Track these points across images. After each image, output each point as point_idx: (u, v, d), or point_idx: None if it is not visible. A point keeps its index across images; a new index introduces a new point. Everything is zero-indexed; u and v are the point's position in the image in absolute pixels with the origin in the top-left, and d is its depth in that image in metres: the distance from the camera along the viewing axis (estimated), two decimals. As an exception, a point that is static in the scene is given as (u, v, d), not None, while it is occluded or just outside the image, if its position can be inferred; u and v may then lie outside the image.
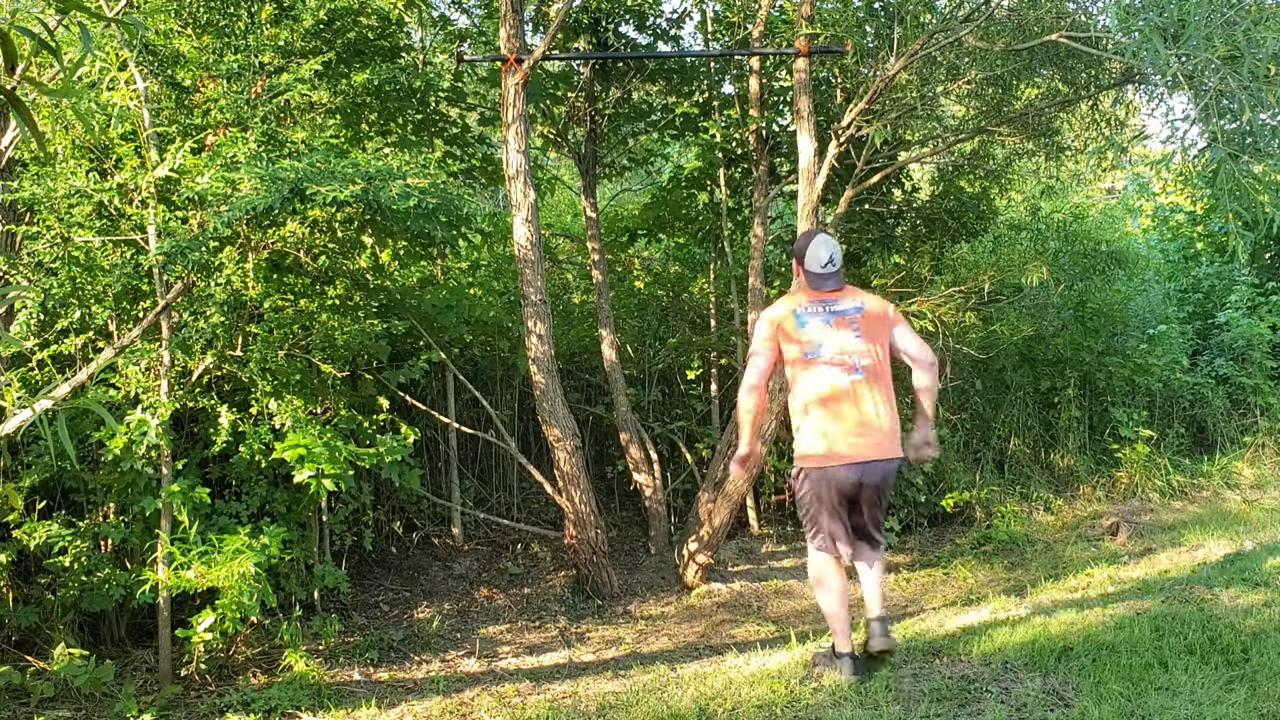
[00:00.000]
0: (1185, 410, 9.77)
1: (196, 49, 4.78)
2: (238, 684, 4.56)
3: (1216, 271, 11.31)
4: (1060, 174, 8.84)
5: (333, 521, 5.71)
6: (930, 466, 8.05)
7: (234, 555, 4.20)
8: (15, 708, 4.18)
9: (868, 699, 3.78)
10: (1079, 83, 6.14)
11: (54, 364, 4.56)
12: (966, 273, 8.53)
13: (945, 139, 6.92)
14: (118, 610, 4.76)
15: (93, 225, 4.46)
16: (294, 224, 4.78)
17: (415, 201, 4.23)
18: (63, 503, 4.78)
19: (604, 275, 7.04)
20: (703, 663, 4.74)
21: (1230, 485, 9.02)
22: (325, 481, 4.45)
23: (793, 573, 6.74)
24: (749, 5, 7.46)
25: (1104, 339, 9.48)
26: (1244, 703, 3.53)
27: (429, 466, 6.87)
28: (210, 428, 4.70)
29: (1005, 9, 5.71)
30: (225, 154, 4.27)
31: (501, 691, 4.44)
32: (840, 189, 6.86)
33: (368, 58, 5.80)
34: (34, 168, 4.41)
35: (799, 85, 6.28)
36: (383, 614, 5.83)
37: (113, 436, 4.17)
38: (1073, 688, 3.78)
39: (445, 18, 7.76)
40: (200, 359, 4.66)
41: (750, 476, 6.47)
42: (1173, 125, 11.47)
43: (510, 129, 5.83)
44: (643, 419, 7.41)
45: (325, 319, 4.93)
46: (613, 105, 7.27)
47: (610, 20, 7.03)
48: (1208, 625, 4.37)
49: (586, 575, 6.19)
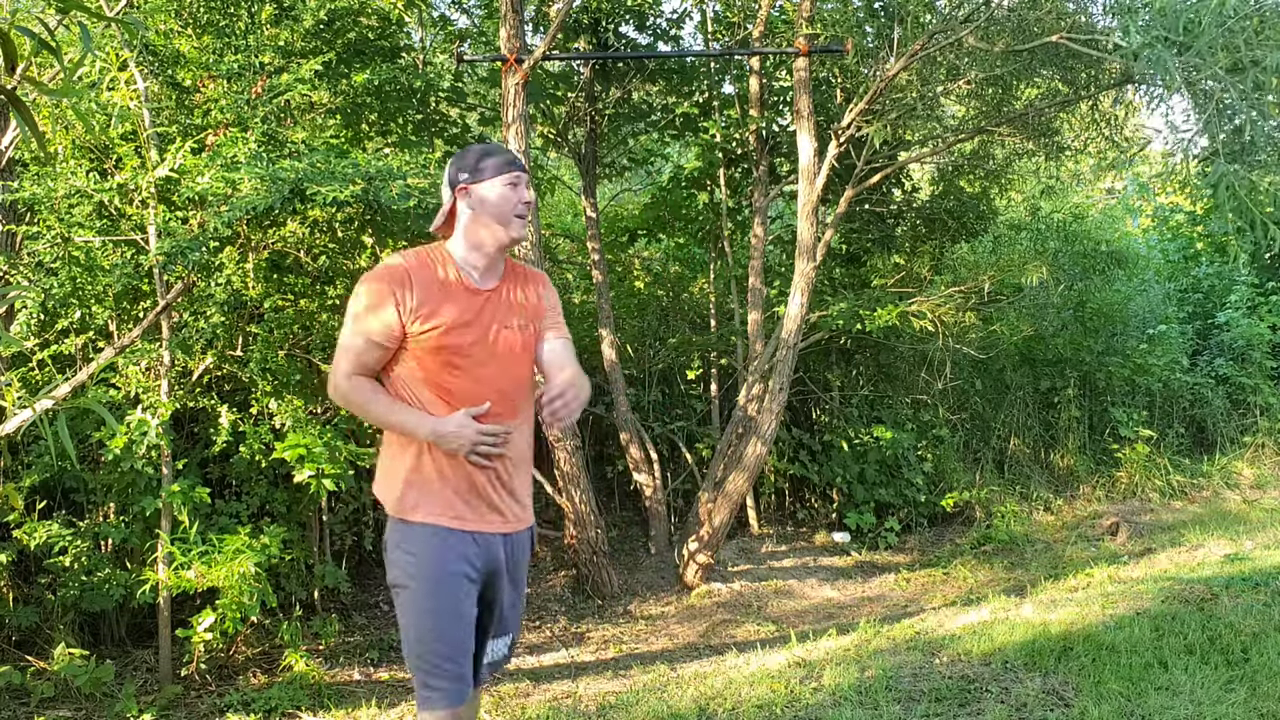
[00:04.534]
0: (1185, 410, 9.78)
1: (196, 49, 4.78)
2: (238, 684, 4.56)
3: (1216, 271, 11.31)
4: (1060, 174, 8.84)
5: (333, 521, 5.71)
6: (930, 466, 8.06)
7: (234, 555, 4.20)
8: (15, 708, 4.18)
9: (868, 699, 3.78)
10: (1079, 83, 6.14)
11: (54, 364, 4.56)
12: (966, 273, 8.54)
13: (945, 139, 6.92)
14: (118, 610, 4.76)
15: (93, 225, 4.45)
16: (294, 224, 4.78)
17: (415, 201, 4.23)
18: (63, 503, 4.78)
19: (604, 275, 7.04)
20: (703, 663, 4.74)
21: (1230, 485, 9.02)
22: (325, 481, 4.44)
23: (793, 573, 6.74)
24: (749, 5, 7.46)
25: (1104, 339, 9.48)
26: (1244, 703, 3.53)
27: (429, 466, 6.86)
28: (210, 428, 4.69)
29: (1005, 9, 5.71)
30: (225, 154, 4.27)
31: (501, 691, 4.44)
32: (840, 189, 6.86)
33: (368, 58, 5.80)
34: (34, 168, 4.41)
35: (799, 85, 6.28)
36: (383, 614, 5.82)
37: (113, 436, 4.17)
38: (1073, 688, 3.78)
39: (445, 18, 7.76)
40: (200, 359, 4.66)
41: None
42: (1173, 129, 11.45)
43: (510, 129, 5.84)
44: (643, 419, 7.41)
45: (325, 319, 4.92)
46: (613, 105, 7.27)
47: (610, 20, 7.03)
48: (1208, 625, 4.38)
49: (586, 575, 6.19)
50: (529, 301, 2.57)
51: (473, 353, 2.43)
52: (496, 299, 2.50)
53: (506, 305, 2.51)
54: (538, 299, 2.60)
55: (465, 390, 2.42)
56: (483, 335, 2.44)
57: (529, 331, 2.54)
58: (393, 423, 2.43)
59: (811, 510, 7.88)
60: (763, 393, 6.52)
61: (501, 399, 2.46)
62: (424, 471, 2.43)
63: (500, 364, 2.47)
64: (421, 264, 2.44)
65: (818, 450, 7.84)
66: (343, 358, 2.43)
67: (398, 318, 2.37)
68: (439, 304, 2.40)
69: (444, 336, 2.39)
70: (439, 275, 2.44)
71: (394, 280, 2.39)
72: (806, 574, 6.75)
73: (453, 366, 2.41)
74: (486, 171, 2.45)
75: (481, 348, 2.44)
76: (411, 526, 2.42)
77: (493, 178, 2.45)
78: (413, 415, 2.41)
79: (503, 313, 2.50)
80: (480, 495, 2.44)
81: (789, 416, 7.59)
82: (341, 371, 2.43)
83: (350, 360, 2.42)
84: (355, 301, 2.41)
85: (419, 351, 2.41)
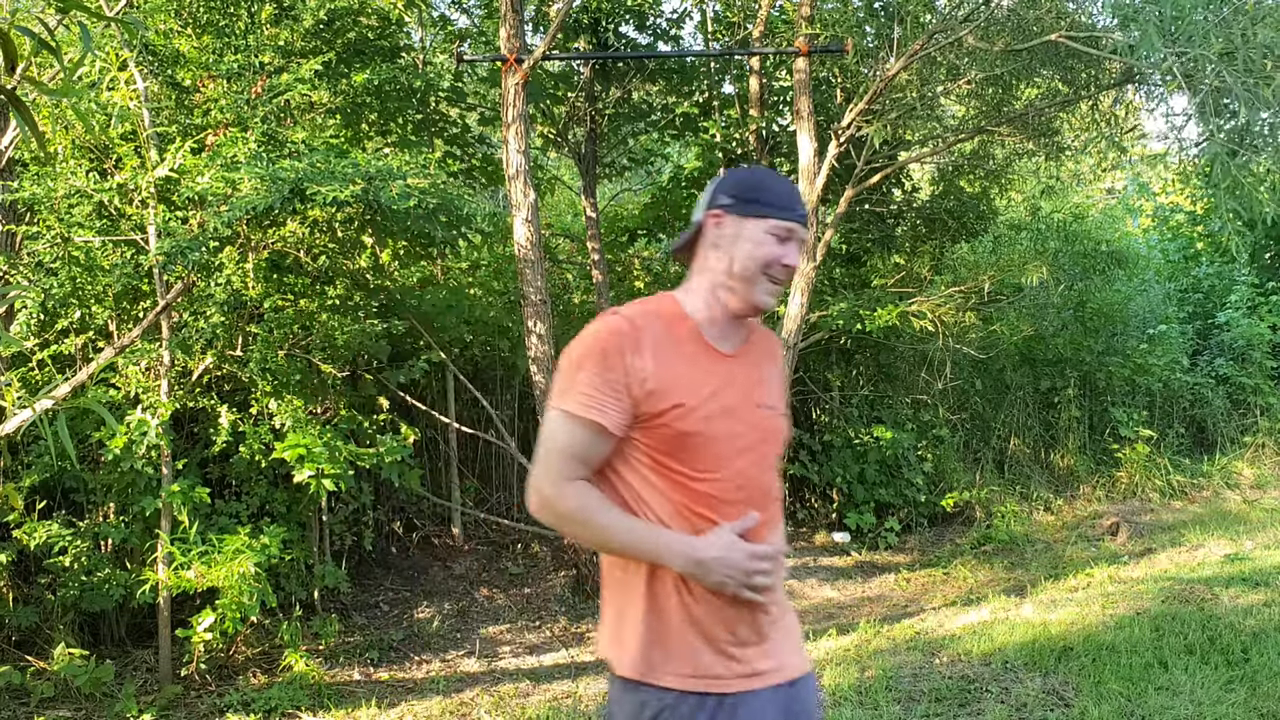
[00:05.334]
0: (1185, 410, 9.78)
1: (196, 49, 4.78)
2: (238, 684, 4.55)
3: (1216, 271, 11.32)
4: (1060, 174, 8.84)
5: (333, 521, 5.71)
6: (930, 466, 8.06)
7: (234, 555, 4.20)
8: (15, 708, 4.18)
9: (868, 699, 3.78)
10: (1079, 83, 6.14)
11: (54, 364, 4.56)
12: (966, 273, 8.54)
13: (945, 139, 6.92)
14: (118, 610, 4.76)
15: (93, 225, 4.46)
16: (294, 224, 4.78)
17: (415, 201, 4.23)
18: (63, 503, 4.78)
19: (604, 275, 7.04)
20: (703, 663, 4.73)
21: (1230, 485, 9.02)
22: (325, 481, 4.44)
23: (793, 573, 6.74)
24: (749, 5, 7.46)
25: (1104, 339, 9.48)
26: (1244, 703, 3.53)
27: (429, 466, 6.87)
28: (210, 428, 4.69)
29: (1005, 9, 5.71)
30: (225, 154, 4.27)
31: (501, 691, 4.44)
32: (840, 189, 6.86)
33: (368, 58, 5.80)
34: (34, 168, 4.41)
35: (799, 85, 6.28)
36: (383, 614, 5.82)
37: (113, 436, 4.17)
38: (1073, 688, 3.78)
39: (445, 18, 7.77)
40: (200, 359, 4.66)
41: None
42: (1170, 121, 11.56)
43: (510, 129, 5.83)
44: (643, 419, 7.39)
45: (325, 319, 4.92)
46: (613, 105, 7.27)
47: (610, 20, 7.03)
48: (1208, 625, 4.37)
49: (586, 575, 6.19)
50: (775, 374, 1.95)
51: (726, 441, 1.77)
52: (744, 368, 1.86)
53: (757, 377, 1.88)
54: (777, 370, 1.96)
55: (719, 495, 1.76)
56: (736, 417, 1.80)
57: (778, 413, 1.92)
58: (630, 546, 1.75)
59: (811, 510, 7.88)
60: (763, 393, 6.51)
61: (764, 501, 1.82)
62: (667, 614, 1.75)
63: (758, 457, 1.83)
64: (649, 319, 1.80)
65: (818, 450, 7.84)
66: (553, 459, 1.75)
67: (628, 395, 1.73)
68: (678, 374, 1.77)
69: (689, 419, 1.74)
70: (673, 334, 1.80)
71: (618, 344, 1.74)
72: (806, 574, 6.75)
73: (699, 462, 1.75)
74: (757, 205, 1.80)
75: (736, 434, 1.79)
76: (651, 692, 1.74)
77: (760, 217, 1.79)
78: (662, 537, 1.73)
79: (754, 387, 1.86)
80: (748, 640, 1.77)
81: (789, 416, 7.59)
82: (552, 477, 1.74)
83: (563, 461, 1.74)
84: (567, 377, 1.76)
85: (652, 442, 1.75)
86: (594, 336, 1.76)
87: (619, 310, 1.81)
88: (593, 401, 1.72)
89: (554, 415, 1.76)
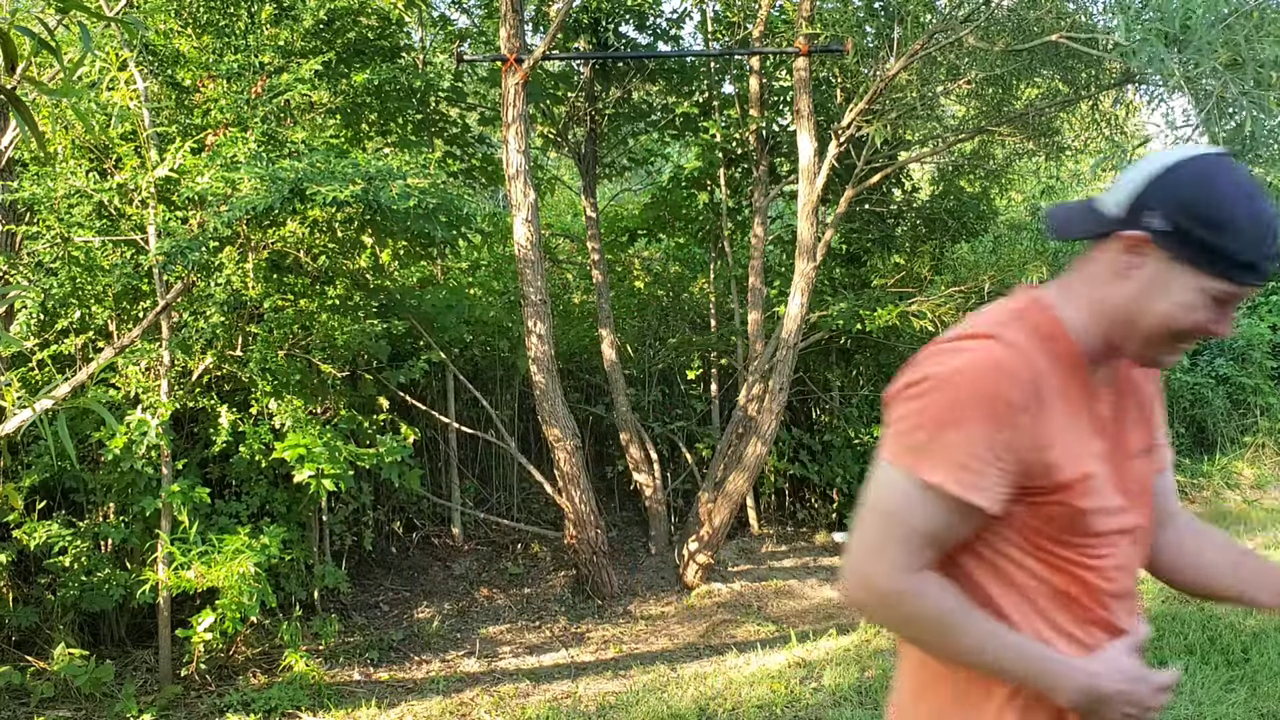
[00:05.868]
0: (1185, 410, 9.78)
1: (196, 49, 4.78)
2: (238, 684, 4.55)
3: (1216, 271, 11.32)
4: (1060, 174, 8.84)
5: (333, 521, 5.71)
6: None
7: (234, 555, 4.20)
8: (15, 708, 4.18)
9: (868, 699, 3.78)
10: (1079, 83, 6.14)
11: (54, 364, 4.56)
12: (966, 273, 8.54)
13: (945, 139, 6.92)
14: (118, 610, 4.76)
15: (93, 225, 4.46)
16: (294, 224, 4.78)
17: (415, 201, 4.23)
18: (63, 503, 4.78)
19: (604, 275, 7.04)
20: (703, 663, 4.74)
21: (1230, 485, 9.02)
22: (325, 481, 4.44)
23: (793, 573, 6.74)
24: (749, 5, 7.46)
25: (1104, 339, 9.48)
26: (1244, 703, 3.53)
27: (429, 466, 6.87)
28: (210, 428, 4.69)
29: (1005, 9, 5.71)
30: (225, 154, 4.27)
31: (501, 691, 4.44)
32: (840, 189, 6.86)
33: (368, 58, 5.80)
34: (34, 168, 4.41)
35: (799, 85, 6.28)
36: (383, 614, 5.83)
37: (113, 436, 4.17)
38: (1073, 688, 3.78)
39: (445, 18, 7.76)
40: (200, 359, 4.66)
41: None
42: (1173, 127, 11.50)
43: (510, 129, 5.83)
44: (643, 419, 7.41)
45: (325, 319, 4.93)
46: (613, 105, 7.27)
47: (610, 20, 7.03)
48: (1208, 625, 4.38)
49: (586, 575, 6.19)
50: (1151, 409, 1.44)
51: (1113, 522, 1.30)
52: (1117, 412, 1.36)
53: (1128, 420, 1.38)
54: (1153, 402, 1.46)
55: (1103, 593, 1.30)
56: (1121, 487, 1.32)
57: (1150, 463, 1.41)
58: (1009, 667, 1.24)
59: (811, 510, 7.88)
60: (763, 393, 6.52)
61: (1133, 586, 1.36)
62: None
63: (1141, 537, 1.37)
64: (1039, 347, 1.27)
65: (818, 450, 7.84)
66: (896, 543, 1.23)
67: (1017, 464, 1.22)
68: (1081, 431, 1.28)
69: (1083, 495, 1.26)
70: (1062, 368, 1.29)
71: (1013, 393, 1.22)
72: (807, 574, 6.75)
73: (1088, 550, 1.28)
74: (1206, 252, 1.19)
75: (1122, 509, 1.31)
76: None
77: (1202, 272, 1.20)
78: (1054, 661, 1.24)
79: (1126, 434, 1.36)
80: None
81: (789, 416, 7.59)
82: (895, 566, 1.23)
83: (912, 546, 1.23)
84: (931, 432, 1.23)
85: (1038, 522, 1.27)
86: (976, 376, 1.21)
87: (998, 333, 1.26)
88: (973, 476, 1.20)
89: (902, 481, 1.24)
